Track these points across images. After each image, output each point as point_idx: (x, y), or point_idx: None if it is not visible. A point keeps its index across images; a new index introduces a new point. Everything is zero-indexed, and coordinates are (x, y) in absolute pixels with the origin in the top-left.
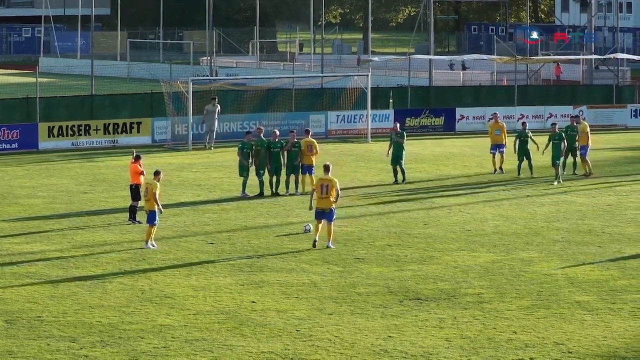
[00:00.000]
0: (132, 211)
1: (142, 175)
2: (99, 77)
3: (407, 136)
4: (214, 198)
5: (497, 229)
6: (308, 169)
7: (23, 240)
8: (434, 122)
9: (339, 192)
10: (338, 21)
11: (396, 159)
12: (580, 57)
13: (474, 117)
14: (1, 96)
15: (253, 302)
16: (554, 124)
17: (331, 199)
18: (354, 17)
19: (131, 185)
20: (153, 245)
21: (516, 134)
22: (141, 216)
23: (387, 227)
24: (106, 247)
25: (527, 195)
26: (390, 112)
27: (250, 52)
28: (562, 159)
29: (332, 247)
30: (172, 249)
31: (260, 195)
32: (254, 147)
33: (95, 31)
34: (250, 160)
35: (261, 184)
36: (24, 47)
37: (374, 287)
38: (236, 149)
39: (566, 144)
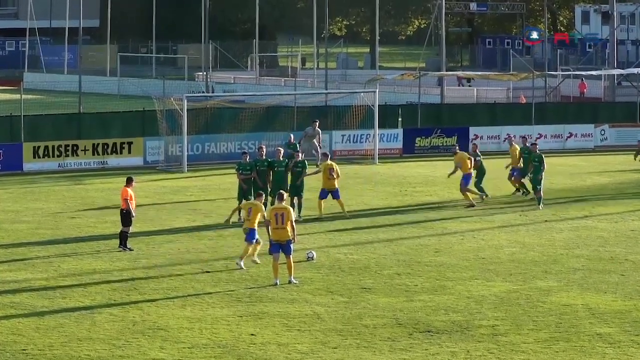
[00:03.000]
0: (123, 237)
1: (130, 201)
2: (87, 93)
3: (412, 158)
4: (211, 223)
5: (513, 257)
6: (333, 193)
7: (6, 268)
8: (446, 142)
9: (294, 226)
10: (343, 34)
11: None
12: (602, 72)
13: (488, 137)
14: None
15: (252, 334)
16: (533, 144)
17: (288, 229)
18: (361, 29)
19: (122, 210)
20: (255, 262)
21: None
22: (132, 243)
23: (395, 254)
24: (95, 276)
25: (545, 221)
26: (399, 131)
27: (249, 67)
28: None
29: (295, 282)
30: (166, 278)
31: None
32: (257, 167)
33: (84, 45)
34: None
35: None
36: (8, 61)
37: (381, 318)
38: (234, 170)
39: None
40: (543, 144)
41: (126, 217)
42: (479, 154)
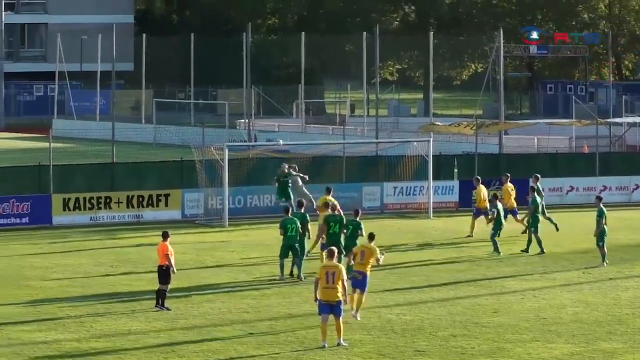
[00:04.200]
0: (161, 296)
1: (171, 256)
2: (120, 142)
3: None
4: (253, 281)
5: (576, 317)
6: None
7: (35, 328)
8: None
9: (346, 285)
10: (395, 79)
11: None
12: None
13: (550, 190)
14: (10, 163)
15: None
16: (598, 197)
17: (339, 289)
18: (414, 74)
19: (161, 267)
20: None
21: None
22: (170, 302)
23: (451, 314)
24: (130, 337)
25: (610, 279)
26: (455, 183)
27: (294, 114)
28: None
29: (344, 344)
30: (206, 340)
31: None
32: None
33: (117, 89)
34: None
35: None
36: (36, 107)
37: None
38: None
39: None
40: (608, 197)
41: (165, 273)
42: (497, 205)
